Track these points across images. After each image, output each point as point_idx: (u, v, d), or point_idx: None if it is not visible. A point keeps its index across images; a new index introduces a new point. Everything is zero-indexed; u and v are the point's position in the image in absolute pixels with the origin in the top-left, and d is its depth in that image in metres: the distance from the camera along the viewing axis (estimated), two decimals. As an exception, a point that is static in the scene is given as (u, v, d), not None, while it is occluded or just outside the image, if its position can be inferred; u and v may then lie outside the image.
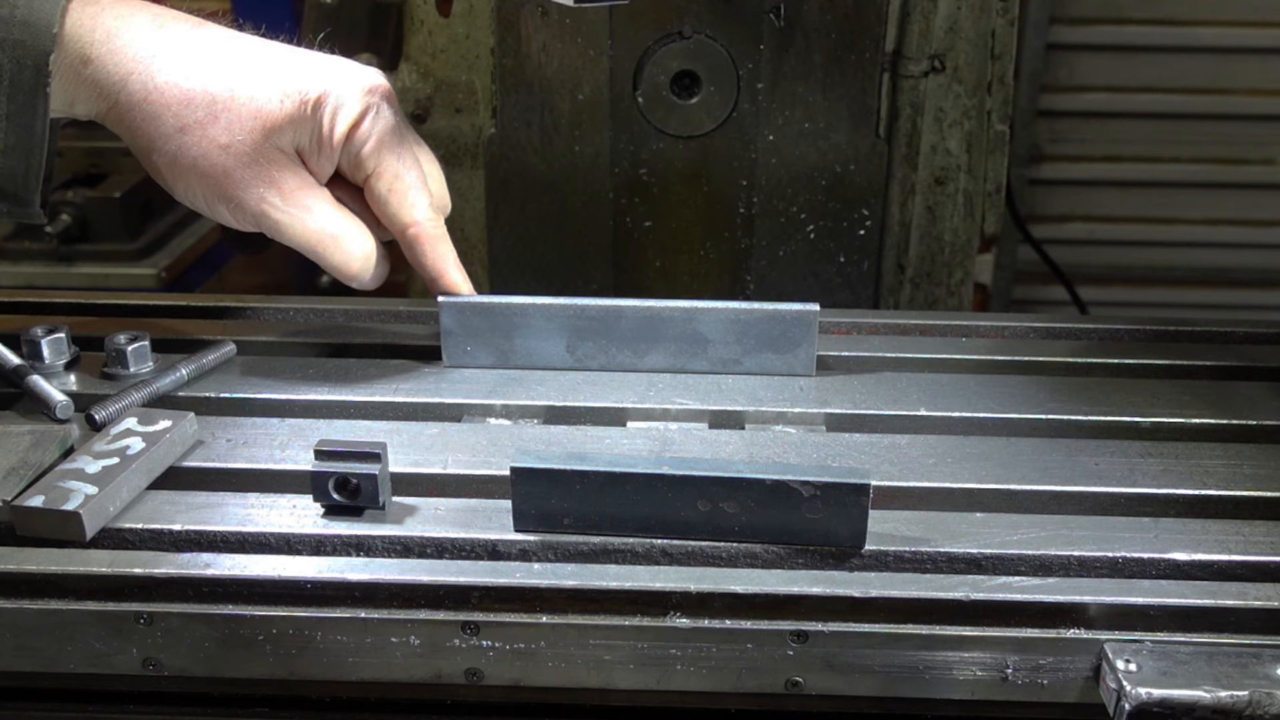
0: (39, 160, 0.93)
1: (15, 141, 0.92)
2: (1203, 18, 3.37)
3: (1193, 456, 0.92)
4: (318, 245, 0.99)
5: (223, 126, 0.95)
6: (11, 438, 0.89)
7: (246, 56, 0.98)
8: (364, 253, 1.01)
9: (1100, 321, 1.16)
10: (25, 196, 0.95)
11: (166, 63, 0.95)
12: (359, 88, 0.99)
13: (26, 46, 0.89)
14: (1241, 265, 3.67)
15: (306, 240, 0.99)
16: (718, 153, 1.28)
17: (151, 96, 0.94)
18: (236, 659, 0.79)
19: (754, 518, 0.80)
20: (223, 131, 0.95)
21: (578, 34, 1.14)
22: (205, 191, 0.97)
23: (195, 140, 0.95)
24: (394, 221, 1.02)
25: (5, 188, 0.94)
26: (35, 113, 0.91)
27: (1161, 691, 0.72)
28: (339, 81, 0.98)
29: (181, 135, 0.95)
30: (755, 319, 1.03)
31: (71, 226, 2.36)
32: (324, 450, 0.82)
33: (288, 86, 0.97)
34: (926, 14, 1.27)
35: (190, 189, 0.98)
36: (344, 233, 1.00)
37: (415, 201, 1.02)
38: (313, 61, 0.99)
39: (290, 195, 0.98)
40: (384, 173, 1.00)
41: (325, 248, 0.99)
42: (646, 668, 0.78)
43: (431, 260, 1.04)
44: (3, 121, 0.91)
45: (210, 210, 0.99)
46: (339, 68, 1.00)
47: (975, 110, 1.33)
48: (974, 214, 1.40)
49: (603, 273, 1.32)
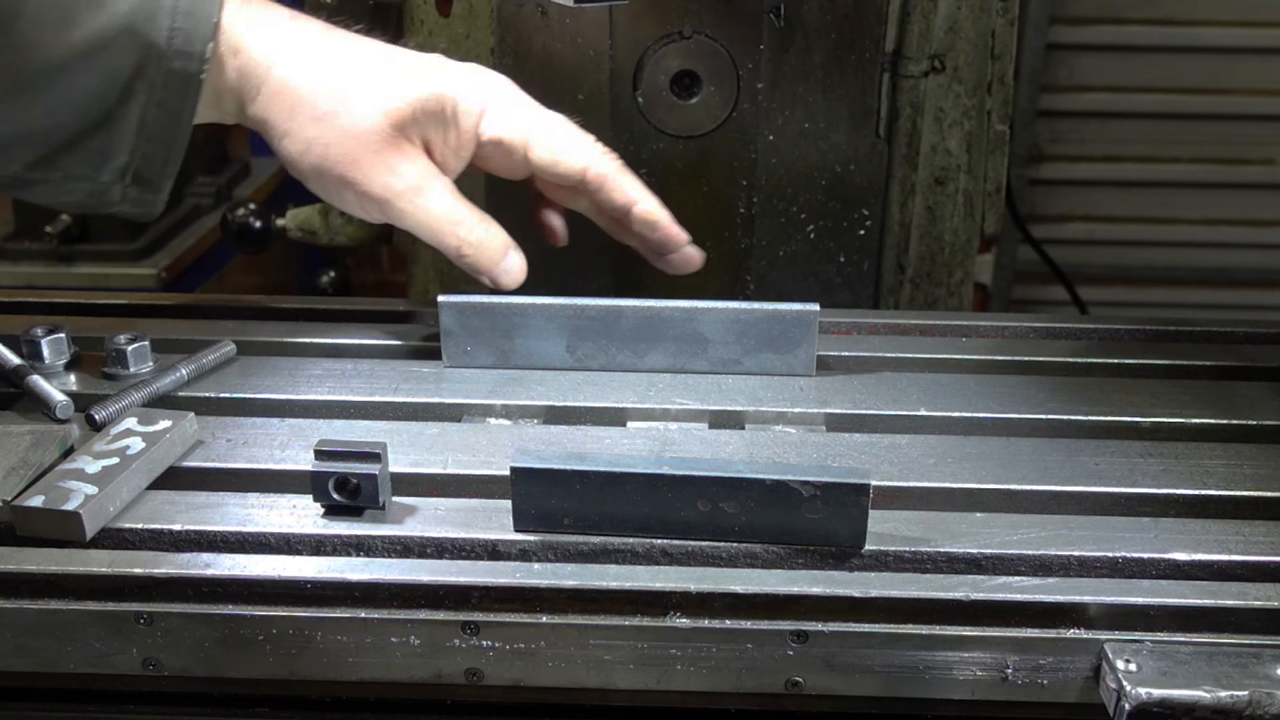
0: (179, 150, 0.96)
1: (162, 129, 0.94)
2: (1203, 18, 3.37)
3: (1193, 456, 0.92)
4: (439, 231, 1.02)
5: (354, 116, 0.98)
6: (11, 438, 0.89)
7: (376, 53, 1.02)
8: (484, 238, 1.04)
9: (1100, 321, 1.16)
10: (157, 183, 0.97)
11: (306, 53, 0.98)
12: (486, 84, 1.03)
13: (187, 35, 0.92)
14: (1241, 265, 3.68)
15: (428, 227, 1.02)
16: (718, 153, 1.28)
17: (292, 84, 0.98)
18: (236, 659, 0.79)
19: (754, 518, 0.80)
20: (353, 121, 0.98)
21: (578, 34, 1.14)
22: (334, 179, 1.00)
23: (327, 128, 0.98)
24: (569, 174, 1.05)
25: (142, 172, 0.96)
26: (186, 101, 0.94)
27: (1161, 691, 0.72)
28: (466, 79, 1.02)
29: (316, 124, 0.98)
30: (755, 319, 1.03)
31: (71, 226, 2.36)
32: (324, 450, 0.82)
33: (418, 82, 1.00)
34: (926, 14, 1.27)
35: (321, 177, 1.00)
36: (465, 219, 1.03)
37: (578, 146, 1.05)
38: (440, 62, 1.03)
39: (413, 183, 1.00)
40: (535, 142, 1.03)
41: (444, 234, 1.02)
42: (646, 668, 0.78)
43: (620, 193, 1.06)
44: (154, 108, 0.93)
45: (339, 199, 1.02)
46: (465, 67, 1.04)
47: (975, 110, 1.33)
48: (974, 214, 1.40)
49: (603, 273, 1.32)
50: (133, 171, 0.95)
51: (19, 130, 0.92)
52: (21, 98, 0.90)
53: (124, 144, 0.94)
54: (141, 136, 0.94)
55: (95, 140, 0.93)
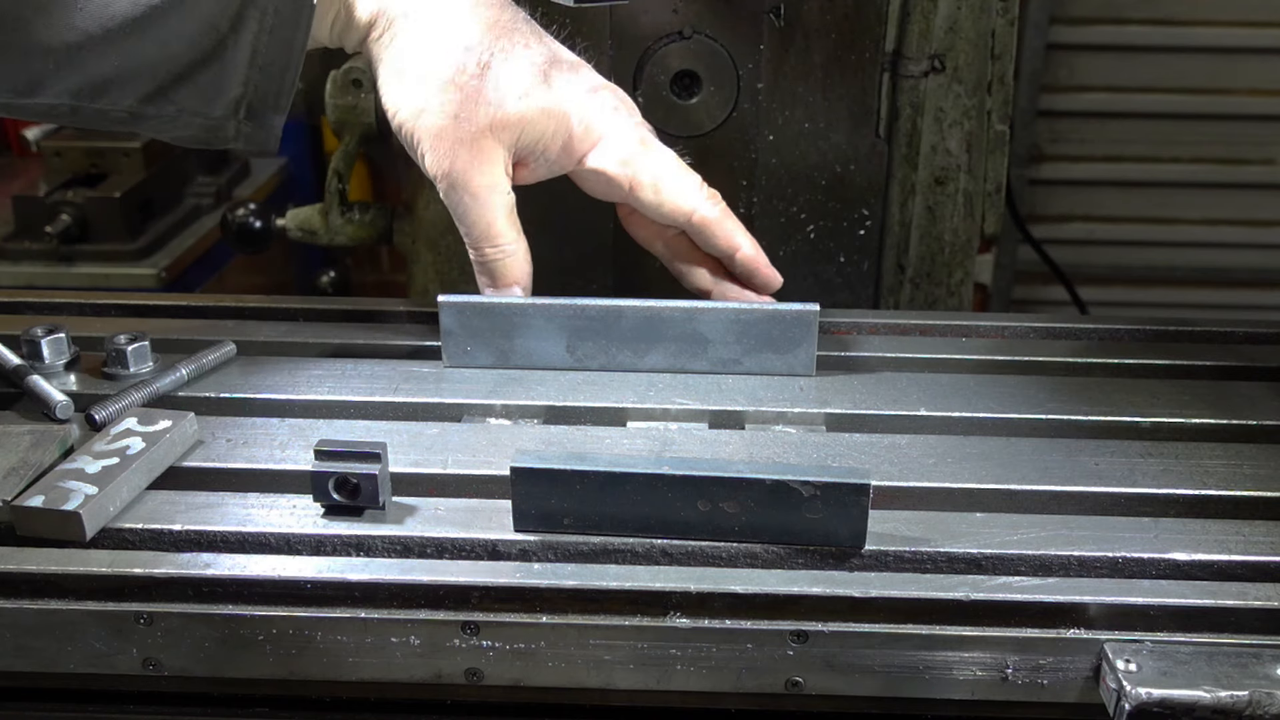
0: (293, 79, 0.95)
1: (273, 59, 0.93)
2: (1203, 18, 3.37)
3: (1193, 456, 0.92)
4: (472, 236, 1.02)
5: (460, 101, 0.97)
6: (11, 438, 0.89)
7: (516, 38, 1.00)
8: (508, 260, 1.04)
9: (1100, 321, 1.16)
10: (269, 119, 0.96)
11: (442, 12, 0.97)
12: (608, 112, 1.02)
13: None
14: (1241, 265, 3.68)
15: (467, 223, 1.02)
16: (718, 153, 1.28)
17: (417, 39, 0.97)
18: (236, 659, 0.79)
19: (754, 518, 0.80)
20: (458, 105, 0.97)
21: (578, 34, 1.13)
22: (418, 136, 0.99)
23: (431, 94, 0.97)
24: (675, 216, 1.05)
25: (254, 105, 0.95)
26: (299, 29, 0.93)
27: (1161, 691, 0.72)
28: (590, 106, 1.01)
29: (421, 85, 0.97)
30: (755, 319, 1.03)
31: (71, 226, 2.37)
32: (324, 450, 0.82)
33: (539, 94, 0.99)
34: (926, 14, 1.27)
35: (408, 124, 0.99)
36: (502, 238, 1.02)
37: (684, 188, 1.04)
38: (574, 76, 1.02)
39: (481, 185, 1.00)
40: (642, 180, 1.03)
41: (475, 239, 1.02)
42: (646, 668, 0.78)
43: (724, 239, 1.06)
44: (266, 35, 0.91)
45: (413, 152, 1.01)
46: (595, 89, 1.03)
47: (975, 110, 1.33)
48: (974, 214, 1.40)
49: (603, 273, 1.32)
50: (246, 105, 0.94)
51: (132, 64, 0.89)
52: (133, 29, 0.88)
53: (237, 75, 0.92)
54: (254, 67, 0.92)
55: (208, 72, 0.91)
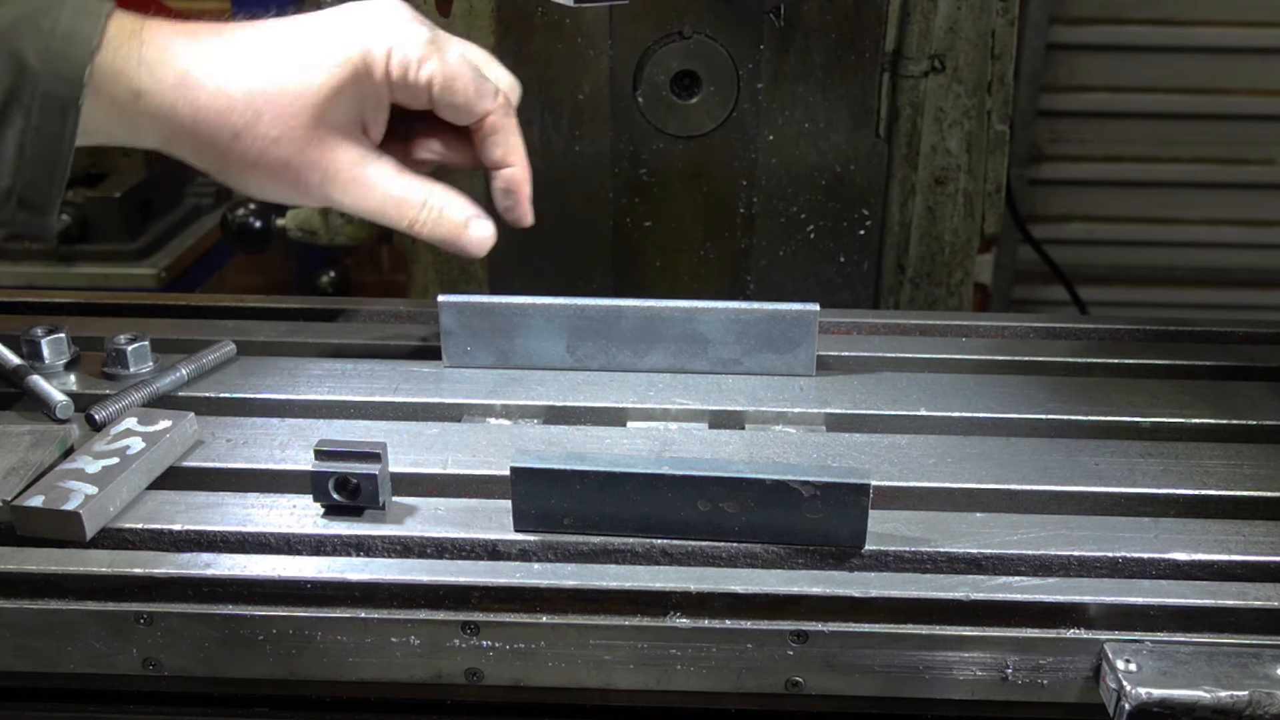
0: (62, 174, 0.94)
1: (41, 152, 0.92)
2: (1203, 18, 3.37)
3: (1193, 456, 0.92)
4: (385, 214, 1.00)
5: (270, 121, 0.95)
6: (11, 438, 0.89)
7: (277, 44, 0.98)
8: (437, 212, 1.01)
9: (1100, 321, 1.16)
10: (45, 207, 0.95)
11: (205, 77, 0.95)
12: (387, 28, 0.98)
13: (64, 59, 0.89)
14: (1241, 265, 3.68)
15: (375, 213, 1.00)
16: (718, 153, 1.28)
17: (200, 114, 0.95)
18: (236, 659, 0.79)
19: (754, 518, 0.80)
20: (272, 125, 0.95)
21: (578, 34, 1.14)
22: (273, 186, 0.98)
23: (250, 143, 0.96)
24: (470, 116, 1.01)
25: (26, 196, 0.94)
26: (65, 126, 0.91)
27: (1161, 691, 0.72)
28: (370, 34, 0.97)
29: (236, 142, 0.95)
30: (755, 319, 1.03)
31: (71, 226, 2.36)
32: (324, 450, 0.82)
33: (324, 60, 0.96)
34: (926, 14, 1.27)
35: (262, 188, 0.99)
36: (411, 195, 1.00)
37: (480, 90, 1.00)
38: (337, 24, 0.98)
39: (349, 173, 0.98)
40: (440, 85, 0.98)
41: (390, 217, 1.00)
42: (646, 668, 0.78)
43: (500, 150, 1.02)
44: (32, 132, 0.91)
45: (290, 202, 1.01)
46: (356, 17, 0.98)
47: (975, 110, 1.33)
48: (974, 214, 1.40)
49: (603, 273, 1.32)
50: (17, 195, 0.93)
51: None
52: None
53: (4, 168, 0.92)
54: (22, 160, 0.91)
55: None
